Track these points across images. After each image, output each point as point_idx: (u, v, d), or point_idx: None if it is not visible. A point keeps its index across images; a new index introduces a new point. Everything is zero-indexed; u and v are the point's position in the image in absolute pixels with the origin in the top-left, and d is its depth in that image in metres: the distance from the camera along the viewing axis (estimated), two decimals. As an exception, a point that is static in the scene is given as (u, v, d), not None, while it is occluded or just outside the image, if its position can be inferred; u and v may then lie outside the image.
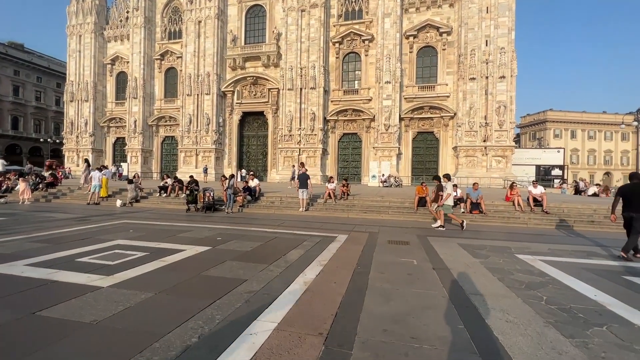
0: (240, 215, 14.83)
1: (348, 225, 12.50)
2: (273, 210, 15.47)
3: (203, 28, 39.29)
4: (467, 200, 14.19)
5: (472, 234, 11.60)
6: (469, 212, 14.05)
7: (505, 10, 33.51)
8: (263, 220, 13.40)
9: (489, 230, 12.18)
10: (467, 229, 12.22)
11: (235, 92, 40.07)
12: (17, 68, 52.58)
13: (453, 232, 11.63)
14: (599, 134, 63.93)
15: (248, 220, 13.22)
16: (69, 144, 43.66)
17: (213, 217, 13.98)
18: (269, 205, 16.14)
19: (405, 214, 14.37)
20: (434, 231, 11.70)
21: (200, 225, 11.66)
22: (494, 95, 33.51)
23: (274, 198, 16.96)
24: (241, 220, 13.20)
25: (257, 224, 12.22)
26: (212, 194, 15.30)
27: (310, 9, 36.61)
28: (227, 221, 12.94)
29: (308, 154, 36.93)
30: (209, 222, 12.61)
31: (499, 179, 33.35)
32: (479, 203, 14.06)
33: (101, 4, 43.43)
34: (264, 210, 15.64)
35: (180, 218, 13.63)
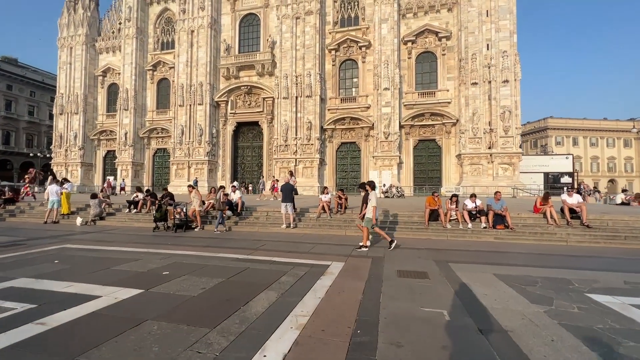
0: (211, 234, 12.08)
1: (345, 246, 9.76)
2: (257, 228, 12.74)
3: (196, 37, 37.36)
4: (489, 212, 11.47)
5: (503, 257, 8.85)
6: (492, 227, 11.32)
7: (505, 13, 31.53)
8: (240, 241, 10.68)
9: (523, 252, 9.41)
10: (496, 249, 9.50)
11: (229, 102, 37.82)
12: (10, 82, 50.70)
13: (478, 255, 8.88)
14: (601, 141, 61.48)
15: (221, 242, 10.51)
16: (57, 158, 41.16)
17: (181, 238, 11.25)
18: (252, 222, 13.43)
19: (414, 231, 11.65)
20: (454, 254, 8.95)
21: (156, 250, 8.91)
22: (498, 100, 31.18)
23: (259, 213, 14.26)
24: (212, 242, 10.48)
25: (230, 247, 9.49)
26: (184, 210, 12.61)
27: (305, 16, 34.71)
28: (194, 243, 10.22)
29: (305, 164, 34.39)
30: (172, 245, 9.88)
31: (507, 188, 30.64)
32: (504, 216, 11.34)
33: (93, 16, 41.68)
34: (245, 228, 12.92)
35: (141, 240, 10.91)
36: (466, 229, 11.46)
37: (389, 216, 13.19)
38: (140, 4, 39.50)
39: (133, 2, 39.06)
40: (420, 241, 10.72)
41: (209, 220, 13.74)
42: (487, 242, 10.63)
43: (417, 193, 32.82)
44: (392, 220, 12.66)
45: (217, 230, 12.24)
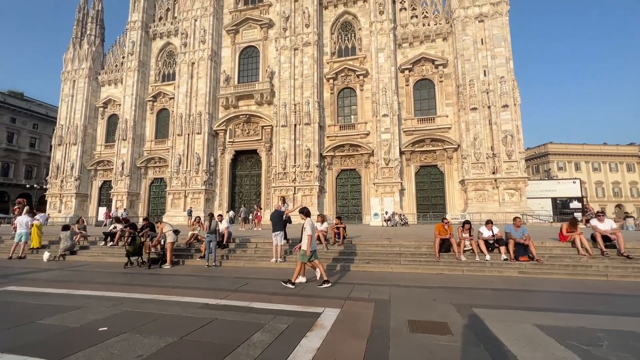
0: (191, 270, 10.38)
1: (342, 285, 8.04)
2: (243, 262, 11.02)
3: (196, 69, 37.48)
4: (509, 241, 9.78)
5: (537, 298, 7.10)
6: (514, 259, 9.58)
7: (500, 41, 31.47)
8: (220, 279, 8.97)
9: (559, 290, 7.64)
10: (525, 287, 7.75)
11: (227, 130, 37.16)
12: (15, 115, 50.86)
13: (506, 296, 7.13)
14: (604, 166, 60.12)
15: (196, 281, 8.81)
16: (52, 189, 39.96)
17: (153, 276, 9.55)
18: (238, 256, 11.72)
19: (423, 264, 9.91)
20: (476, 295, 7.20)
21: (112, 293, 7.21)
22: (499, 125, 30.27)
23: (248, 245, 12.57)
24: (186, 281, 8.78)
25: (204, 288, 7.80)
26: (162, 243, 10.99)
27: (303, 47, 34.88)
28: (164, 283, 8.52)
29: (304, 192, 32.93)
30: (137, 285, 8.20)
31: (515, 214, 28.78)
32: (527, 245, 9.64)
33: (97, 51, 42.34)
34: (230, 262, 11.20)
35: (104, 279, 9.22)
36: (484, 261, 9.73)
37: (394, 247, 11.47)
38: (144, 39, 40.15)
39: (136, 37, 39.73)
40: (431, 277, 8.96)
41: (191, 254, 12.06)
42: (511, 277, 8.87)
43: (421, 221, 31.01)
44: (397, 252, 10.94)
45: (209, 265, 10.59)
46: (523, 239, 9.69)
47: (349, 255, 11.00)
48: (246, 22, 38.03)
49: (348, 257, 10.82)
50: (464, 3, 32.52)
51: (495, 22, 31.69)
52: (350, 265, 10.13)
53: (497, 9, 31.77)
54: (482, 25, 32.01)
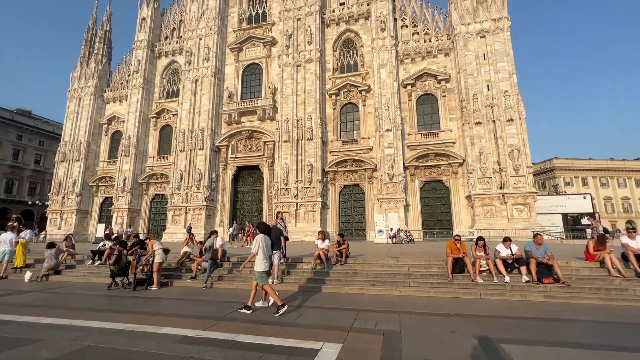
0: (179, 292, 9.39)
1: (345, 312, 7.03)
2: (236, 284, 10.01)
3: (200, 86, 37.53)
4: (531, 261, 8.74)
5: (573, 329, 6.02)
6: (537, 281, 8.50)
7: (502, 56, 31.16)
8: (207, 303, 7.96)
9: (596, 320, 6.56)
10: (555, 315, 6.67)
11: (229, 146, 36.73)
12: (21, 133, 51.17)
13: (535, 326, 6.07)
14: (611, 181, 58.62)
15: (181, 306, 7.82)
16: (53, 205, 39.43)
17: (136, 300, 8.58)
18: (232, 276, 10.72)
19: (435, 287, 8.85)
20: (500, 325, 6.16)
21: (82, 322, 6.24)
22: (505, 139, 29.49)
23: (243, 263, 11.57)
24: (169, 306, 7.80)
25: (186, 316, 6.82)
26: (150, 261, 10.06)
27: (305, 64, 34.86)
28: (145, 308, 7.56)
29: (306, 208, 32.01)
30: (113, 311, 7.23)
31: (525, 230, 27.63)
32: (550, 265, 8.58)
33: (104, 69, 42.82)
34: (223, 284, 10.19)
35: (82, 303, 8.28)
36: (503, 283, 8.66)
37: (402, 267, 10.44)
38: (149, 57, 40.56)
39: (142, 55, 40.14)
40: (445, 302, 7.90)
41: (182, 274, 11.10)
42: (537, 303, 7.79)
43: (427, 237, 29.77)
44: (405, 272, 9.90)
45: (206, 286, 9.68)
46: (546, 258, 8.65)
47: (352, 277, 9.97)
48: (249, 41, 38.35)
49: (351, 279, 9.80)
50: (465, 19, 32.50)
51: (497, 38, 31.51)
52: (354, 288, 9.09)
53: (498, 24, 31.67)
54: (483, 40, 31.84)
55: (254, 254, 7.22)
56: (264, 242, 7.35)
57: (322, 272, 10.33)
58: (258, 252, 7.18)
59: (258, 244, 7.24)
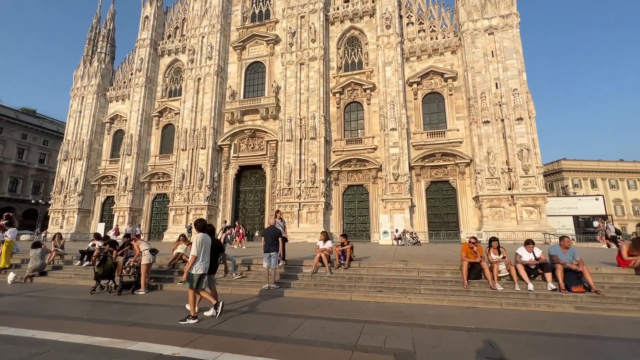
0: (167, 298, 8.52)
1: (349, 324, 6.10)
2: (230, 289, 9.10)
3: (202, 84, 36.86)
4: (557, 266, 7.74)
5: (615, 349, 5.04)
6: (566, 289, 7.50)
7: (512, 53, 30.05)
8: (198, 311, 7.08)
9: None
10: (592, 332, 5.68)
11: (232, 145, 35.98)
12: (26, 132, 50.97)
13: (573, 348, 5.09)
14: (621, 183, 56.93)
15: (166, 313, 6.93)
16: (55, 204, 38.98)
17: (118, 305, 7.72)
18: (228, 279, 9.83)
19: (449, 294, 7.89)
20: (530, 344, 5.19)
21: (43, 334, 5.38)
22: (514, 139, 28.37)
23: (240, 266, 10.70)
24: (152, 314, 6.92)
25: (169, 325, 5.92)
26: (138, 264, 9.22)
27: (309, 62, 34.03)
28: (125, 317, 6.69)
29: (309, 208, 31.11)
30: (88, 320, 6.37)
31: (535, 233, 26.48)
32: (580, 272, 7.58)
33: (107, 68, 42.38)
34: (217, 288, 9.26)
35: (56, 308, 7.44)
36: (526, 292, 7.67)
37: (411, 271, 9.47)
38: (152, 56, 40.03)
39: (145, 54, 39.63)
40: (462, 313, 6.94)
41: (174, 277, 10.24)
42: (567, 315, 6.78)
43: (433, 239, 28.72)
44: (415, 278, 8.93)
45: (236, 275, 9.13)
46: (575, 263, 7.66)
47: (356, 282, 9.03)
48: (253, 39, 37.64)
49: (355, 284, 8.86)
50: (473, 16, 31.48)
51: (506, 35, 30.44)
52: (359, 295, 8.16)
53: (507, 21, 30.61)
54: (492, 37, 30.79)
55: (194, 255, 6.38)
56: (204, 242, 6.55)
57: (324, 276, 9.41)
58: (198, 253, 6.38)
59: (197, 244, 6.41)
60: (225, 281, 9.66)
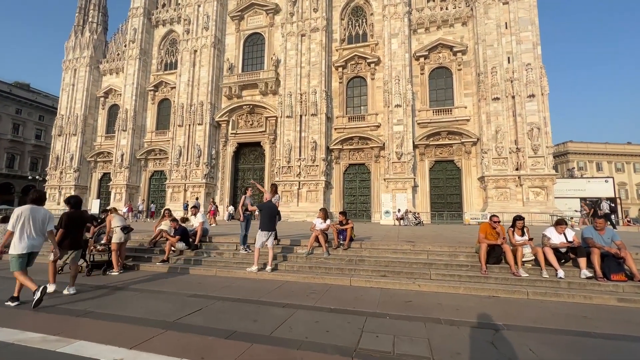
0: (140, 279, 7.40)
1: (348, 317, 4.93)
2: (215, 270, 7.97)
3: (199, 57, 34.75)
4: (593, 250, 6.52)
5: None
6: (603, 277, 6.30)
7: (527, 25, 27.76)
8: (166, 297, 5.94)
9: None
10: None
11: (230, 122, 34.34)
12: (20, 107, 49.14)
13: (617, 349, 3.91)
14: (627, 166, 55.23)
15: (130, 299, 5.79)
16: (51, 180, 37.89)
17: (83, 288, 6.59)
18: (212, 260, 8.70)
19: (465, 281, 6.72)
20: (573, 347, 3.99)
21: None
22: (524, 117, 26.66)
23: (227, 245, 9.56)
24: (113, 300, 5.79)
25: (128, 316, 4.77)
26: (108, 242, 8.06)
27: (310, 34, 31.76)
28: (77, 305, 5.55)
29: (309, 187, 29.91)
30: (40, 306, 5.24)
31: (541, 215, 25.38)
32: (622, 259, 6.35)
33: (99, 39, 40.02)
34: (199, 269, 8.16)
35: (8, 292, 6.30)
36: (556, 279, 6.49)
37: (419, 254, 8.29)
38: (146, 26, 37.63)
39: (138, 24, 37.23)
40: (483, 303, 5.77)
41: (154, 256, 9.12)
42: (609, 308, 5.60)
43: (436, 220, 27.66)
44: (424, 261, 7.76)
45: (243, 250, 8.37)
46: (615, 248, 6.43)
47: (357, 264, 7.88)
48: (251, 8, 35.13)
49: (355, 267, 7.70)
50: (487, -16, 28.89)
51: (522, 4, 28.02)
52: (359, 280, 7.00)
53: (524, -12, 28.08)
54: (506, 7, 28.38)
55: (9, 231, 5.23)
56: (24, 214, 5.34)
57: (321, 258, 8.25)
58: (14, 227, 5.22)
59: (16, 217, 5.25)
60: (209, 261, 8.51)
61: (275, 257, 8.32)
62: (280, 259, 8.47)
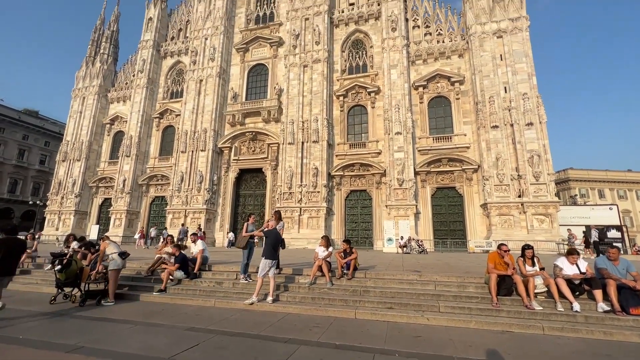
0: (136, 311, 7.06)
1: (354, 354, 4.62)
2: (213, 301, 7.62)
3: (204, 86, 35.88)
4: (608, 282, 6.25)
5: None
6: (622, 311, 5.98)
7: (521, 57, 28.82)
8: (161, 331, 5.62)
9: None
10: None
11: (232, 148, 34.77)
12: (27, 133, 50.07)
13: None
14: (630, 193, 55.01)
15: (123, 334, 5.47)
16: (52, 205, 37.76)
17: (71, 321, 6.28)
18: (210, 289, 8.35)
19: (476, 314, 6.39)
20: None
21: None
22: (523, 144, 26.96)
23: (227, 274, 9.24)
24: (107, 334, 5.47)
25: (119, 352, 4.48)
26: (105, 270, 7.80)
27: (312, 64, 32.98)
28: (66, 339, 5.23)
29: (310, 213, 29.68)
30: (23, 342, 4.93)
31: (547, 243, 24.92)
32: (638, 290, 6.07)
33: (109, 69, 41.59)
34: (197, 300, 7.80)
35: None
36: (572, 313, 6.16)
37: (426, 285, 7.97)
38: (154, 57, 39.22)
39: (148, 55, 38.82)
40: (497, 339, 5.43)
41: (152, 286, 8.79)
42: (633, 346, 5.26)
43: (439, 248, 27.12)
44: (432, 292, 7.44)
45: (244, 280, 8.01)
46: (631, 279, 6.17)
47: (362, 296, 7.56)
48: (256, 41, 36.75)
49: (361, 299, 7.37)
50: (481, 19, 30.38)
51: (515, 38, 29.25)
52: (365, 312, 6.67)
53: (516, 24, 29.45)
54: (500, 41, 29.62)
55: None
56: None
57: (324, 288, 7.94)
58: None
59: None
60: (208, 291, 8.19)
61: (278, 287, 8.00)
62: (281, 289, 8.14)
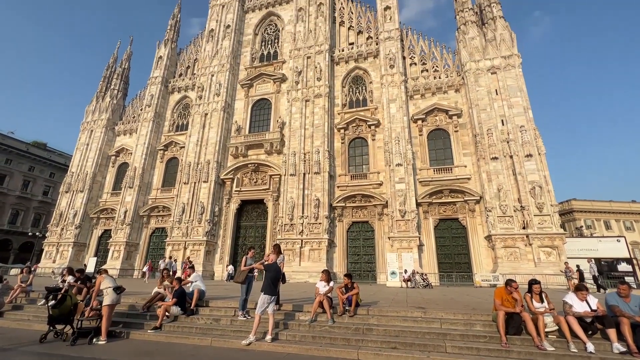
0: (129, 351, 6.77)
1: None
2: (210, 339, 7.32)
3: (209, 119, 37.06)
4: (622, 320, 6.00)
5: None
6: (638, 352, 5.69)
7: (516, 92, 29.87)
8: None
9: None
10: None
11: (235, 179, 35.11)
12: (33, 164, 51.02)
13: None
14: (637, 225, 54.17)
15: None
16: (51, 237, 37.45)
17: None
18: (208, 327, 8.06)
19: (484, 355, 6.08)
20: None
21: None
22: (524, 176, 27.10)
23: (225, 310, 8.94)
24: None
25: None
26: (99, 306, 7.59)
27: (314, 99, 34.26)
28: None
29: (312, 245, 29.23)
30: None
31: (555, 276, 24.18)
32: (654, 330, 5.82)
33: (118, 104, 43.28)
34: (193, 339, 7.49)
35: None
36: (587, 354, 5.86)
37: (432, 323, 7.67)
38: (162, 93, 40.93)
39: (156, 91, 40.54)
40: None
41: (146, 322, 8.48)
42: (654, 391, 4.95)
43: (444, 281, 26.34)
44: (438, 331, 7.14)
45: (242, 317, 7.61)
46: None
47: (364, 334, 7.25)
48: (260, 77, 38.50)
49: (363, 338, 7.06)
50: (474, 57, 31.88)
51: (509, 74, 30.50)
52: (367, 353, 6.36)
53: (509, 61, 30.85)
54: (494, 76, 30.87)
55: None
56: None
57: (325, 325, 7.64)
58: None
59: None
60: (204, 329, 7.89)
61: (277, 325, 7.71)
62: (281, 327, 7.84)
